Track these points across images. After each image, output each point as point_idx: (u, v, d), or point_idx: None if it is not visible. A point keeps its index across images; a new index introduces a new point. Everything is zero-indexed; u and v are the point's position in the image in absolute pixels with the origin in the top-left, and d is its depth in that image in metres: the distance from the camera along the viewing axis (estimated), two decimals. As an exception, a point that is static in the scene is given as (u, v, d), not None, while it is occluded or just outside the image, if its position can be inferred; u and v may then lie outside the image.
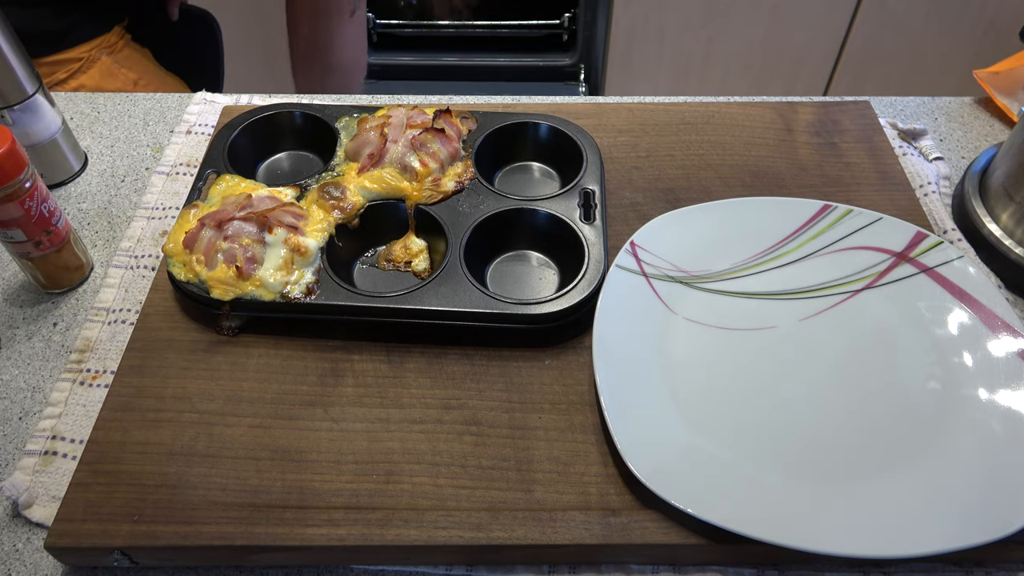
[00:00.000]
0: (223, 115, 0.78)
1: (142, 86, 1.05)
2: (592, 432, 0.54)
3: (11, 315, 0.65)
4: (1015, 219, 0.65)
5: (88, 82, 1.00)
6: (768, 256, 0.64)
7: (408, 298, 0.58)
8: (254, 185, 0.66)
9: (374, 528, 0.49)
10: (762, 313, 0.61)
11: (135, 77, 1.04)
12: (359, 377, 0.57)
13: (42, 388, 0.60)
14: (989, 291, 0.59)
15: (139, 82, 1.05)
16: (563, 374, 0.57)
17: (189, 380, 0.57)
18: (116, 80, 1.02)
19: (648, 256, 0.63)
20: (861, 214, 0.65)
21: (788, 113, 0.78)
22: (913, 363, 0.57)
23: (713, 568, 0.51)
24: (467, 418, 0.55)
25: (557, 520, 0.50)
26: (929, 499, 0.49)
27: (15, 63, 0.69)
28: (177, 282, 0.60)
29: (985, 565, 0.50)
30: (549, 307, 0.57)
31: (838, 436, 0.53)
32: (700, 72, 1.82)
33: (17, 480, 0.54)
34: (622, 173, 0.72)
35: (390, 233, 0.65)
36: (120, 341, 0.62)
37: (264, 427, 0.54)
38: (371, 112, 0.71)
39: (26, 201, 0.59)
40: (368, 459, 0.53)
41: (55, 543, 0.49)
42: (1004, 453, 0.51)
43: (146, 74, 1.07)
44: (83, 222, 0.73)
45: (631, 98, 0.81)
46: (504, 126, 0.71)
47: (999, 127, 0.82)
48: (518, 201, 0.65)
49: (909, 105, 0.84)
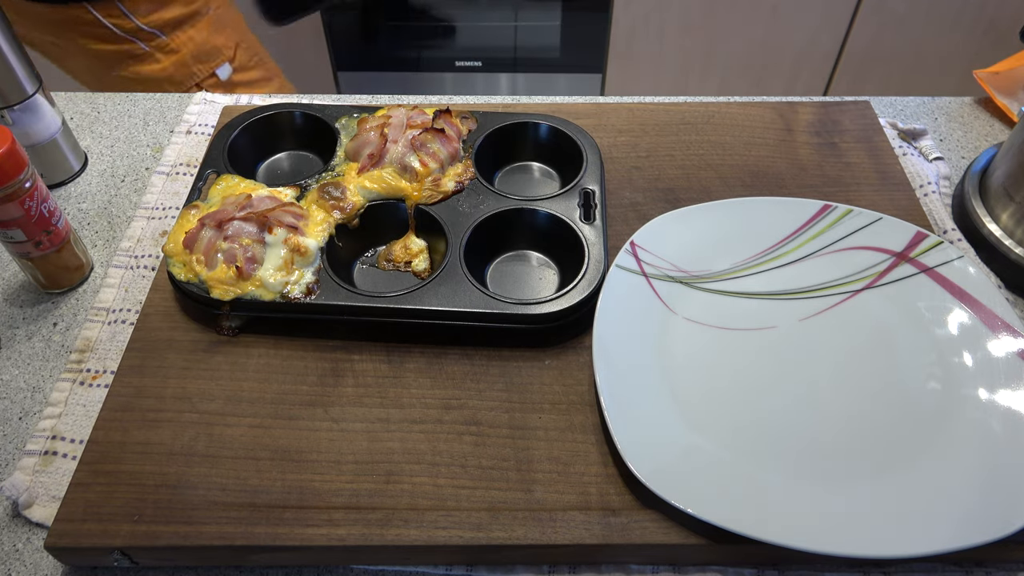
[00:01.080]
0: (223, 115, 0.78)
1: (243, 49, 1.04)
2: (592, 432, 0.54)
3: (11, 315, 0.65)
4: (1015, 219, 0.65)
5: (196, 35, 1.00)
6: (768, 256, 0.64)
7: (408, 298, 0.58)
8: (254, 185, 0.66)
9: (374, 528, 0.49)
10: (762, 313, 0.61)
11: (237, 39, 1.04)
12: (359, 377, 0.57)
13: (42, 388, 0.60)
14: (989, 291, 0.59)
15: (240, 44, 1.05)
16: (563, 374, 0.57)
17: (189, 380, 0.57)
18: (221, 36, 1.02)
19: (648, 256, 0.63)
20: (861, 214, 0.65)
21: (788, 113, 0.78)
22: (913, 363, 0.57)
23: (713, 568, 0.51)
24: (467, 418, 0.55)
25: (557, 520, 0.50)
26: (929, 499, 0.49)
27: (15, 63, 0.69)
28: (177, 282, 0.60)
29: (985, 565, 0.50)
30: (549, 307, 0.57)
31: (838, 436, 0.53)
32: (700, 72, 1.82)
33: (17, 480, 0.54)
34: (622, 173, 0.72)
35: (390, 233, 0.65)
36: (120, 341, 0.62)
37: (264, 427, 0.54)
38: (371, 112, 0.71)
39: (26, 201, 0.59)
40: (368, 459, 0.53)
41: (55, 543, 0.49)
42: (1004, 453, 0.51)
43: (246, 37, 1.07)
44: (83, 222, 0.73)
45: (631, 98, 0.81)
46: (504, 126, 0.71)
47: (999, 127, 0.82)
48: (518, 201, 0.65)
49: (909, 105, 0.84)
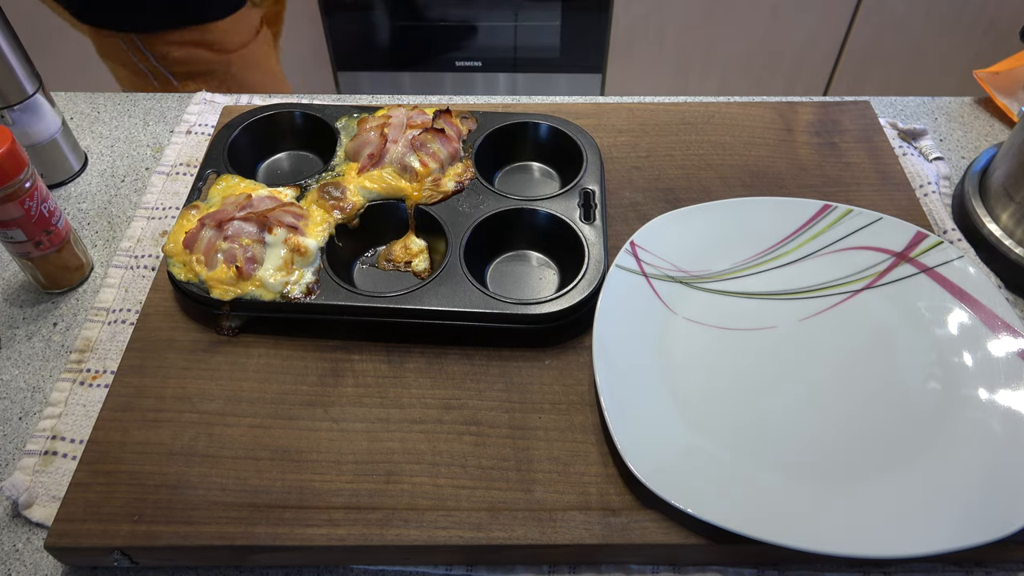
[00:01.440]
0: (223, 115, 0.78)
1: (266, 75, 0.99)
2: (592, 432, 0.54)
3: (11, 315, 0.65)
4: (1015, 219, 0.65)
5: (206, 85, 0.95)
6: (768, 256, 0.64)
7: (408, 298, 0.58)
8: (254, 185, 0.66)
9: (374, 528, 0.49)
10: (762, 313, 0.61)
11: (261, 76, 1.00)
12: (359, 377, 0.57)
13: (42, 388, 0.60)
14: (989, 291, 0.59)
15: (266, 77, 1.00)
16: (563, 374, 0.57)
17: (189, 380, 0.57)
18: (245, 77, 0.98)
19: (648, 256, 0.63)
20: (861, 214, 0.65)
21: (788, 113, 0.78)
22: (913, 363, 0.57)
23: (713, 568, 0.51)
24: (467, 418, 0.55)
25: (557, 520, 0.50)
26: (929, 499, 0.49)
27: (15, 63, 0.69)
28: (177, 282, 0.60)
29: (985, 565, 0.50)
30: (549, 307, 0.57)
31: (838, 436, 0.53)
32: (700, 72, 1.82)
33: (17, 480, 0.54)
34: (622, 173, 0.72)
35: (390, 233, 0.65)
36: (120, 341, 0.62)
37: (264, 427, 0.54)
38: (371, 112, 0.71)
39: (26, 201, 0.59)
40: (368, 459, 0.53)
41: (55, 543, 0.49)
42: (1004, 453, 0.51)
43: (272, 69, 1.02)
44: (83, 222, 0.73)
45: (631, 98, 0.81)
46: (504, 126, 0.71)
47: (999, 127, 0.82)
48: (518, 201, 0.65)
49: (909, 105, 0.84)
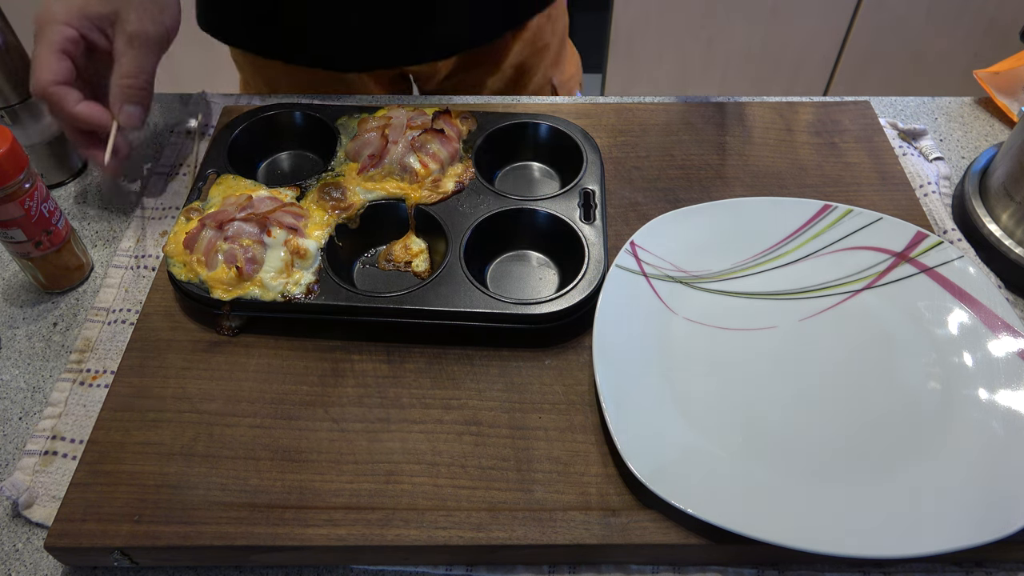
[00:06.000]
0: (223, 115, 0.78)
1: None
2: (592, 432, 0.54)
3: (11, 315, 0.65)
4: (1015, 219, 0.65)
5: None
6: (768, 256, 0.64)
7: (408, 298, 0.58)
8: (254, 185, 0.66)
9: (374, 528, 0.49)
10: (762, 313, 0.61)
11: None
12: (359, 377, 0.57)
13: (42, 388, 0.60)
14: (989, 291, 0.59)
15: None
16: (563, 374, 0.57)
17: (189, 380, 0.57)
18: None
19: (648, 256, 0.63)
20: (861, 214, 0.65)
21: (788, 113, 0.78)
22: (913, 363, 0.57)
23: (713, 568, 0.51)
24: (467, 418, 0.55)
25: (557, 520, 0.50)
26: (929, 499, 0.49)
27: (15, 63, 0.69)
28: (177, 282, 0.60)
29: (985, 565, 0.50)
30: (549, 307, 0.57)
31: (838, 436, 0.53)
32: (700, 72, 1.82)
33: (17, 480, 0.54)
34: (622, 173, 0.72)
35: (390, 233, 0.65)
36: (120, 341, 0.62)
37: (264, 427, 0.54)
38: (371, 112, 0.71)
39: (26, 201, 0.59)
40: (368, 459, 0.53)
41: (55, 543, 0.49)
42: (1004, 453, 0.51)
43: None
44: (83, 222, 0.73)
45: (631, 98, 0.81)
46: (504, 126, 0.71)
47: (999, 127, 0.82)
48: (518, 201, 0.65)
49: (909, 105, 0.84)
